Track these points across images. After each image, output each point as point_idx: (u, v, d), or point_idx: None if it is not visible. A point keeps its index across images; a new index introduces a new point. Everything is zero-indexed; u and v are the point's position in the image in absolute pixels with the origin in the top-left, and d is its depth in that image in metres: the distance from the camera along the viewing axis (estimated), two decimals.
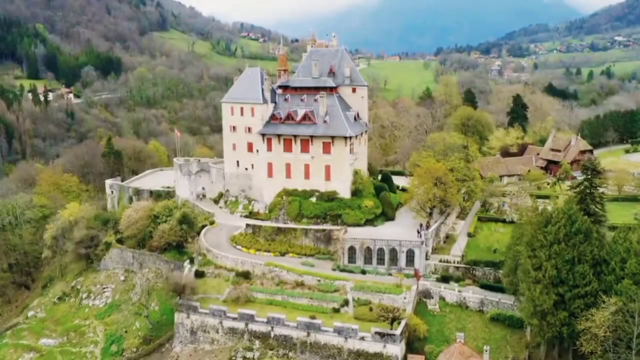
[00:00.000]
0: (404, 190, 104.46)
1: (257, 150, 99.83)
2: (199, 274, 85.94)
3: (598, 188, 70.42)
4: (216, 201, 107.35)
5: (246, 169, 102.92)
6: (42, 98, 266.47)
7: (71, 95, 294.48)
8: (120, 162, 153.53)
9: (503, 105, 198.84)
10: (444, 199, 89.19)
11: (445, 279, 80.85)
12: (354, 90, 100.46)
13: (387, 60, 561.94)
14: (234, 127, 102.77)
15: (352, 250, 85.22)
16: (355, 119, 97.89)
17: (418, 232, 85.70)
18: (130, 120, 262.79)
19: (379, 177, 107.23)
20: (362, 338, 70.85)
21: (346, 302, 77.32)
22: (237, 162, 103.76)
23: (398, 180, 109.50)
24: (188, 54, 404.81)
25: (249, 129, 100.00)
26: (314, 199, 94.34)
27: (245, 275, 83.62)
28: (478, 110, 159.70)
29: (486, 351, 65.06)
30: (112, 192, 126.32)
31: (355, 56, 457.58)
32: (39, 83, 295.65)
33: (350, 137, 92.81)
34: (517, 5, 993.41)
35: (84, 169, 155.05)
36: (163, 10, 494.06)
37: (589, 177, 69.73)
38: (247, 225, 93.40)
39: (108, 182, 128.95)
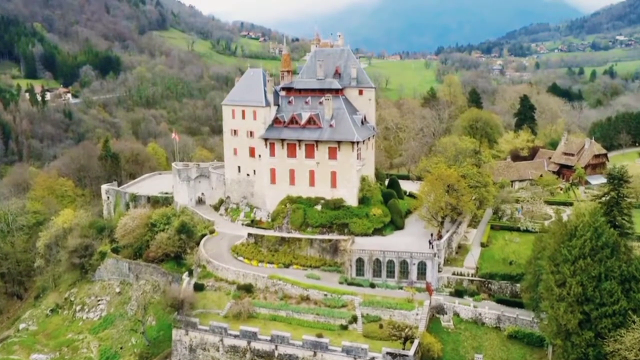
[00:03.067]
0: (411, 196, 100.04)
1: (260, 156, 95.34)
2: (199, 287, 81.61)
3: (626, 198, 65.86)
4: (216, 208, 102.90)
5: (248, 174, 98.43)
6: (39, 98, 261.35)
7: (69, 95, 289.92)
8: (117, 166, 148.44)
9: (508, 106, 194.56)
10: (456, 207, 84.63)
11: (459, 293, 76.47)
12: (360, 92, 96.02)
13: (387, 60, 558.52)
14: (235, 131, 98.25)
15: (360, 262, 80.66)
16: (362, 122, 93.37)
17: (430, 243, 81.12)
18: (129, 121, 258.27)
19: (386, 182, 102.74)
20: (373, 358, 66.42)
21: (355, 319, 73.00)
22: (239, 167, 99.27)
23: (404, 185, 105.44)
24: (188, 53, 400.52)
25: (251, 133, 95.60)
26: (319, 207, 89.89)
27: (248, 289, 79.27)
28: (485, 111, 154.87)
29: None
30: (108, 197, 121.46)
31: (356, 55, 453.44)
32: (37, 82, 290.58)
33: (358, 142, 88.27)
34: (518, 4, 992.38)
35: (80, 172, 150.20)
36: (163, 9, 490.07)
37: (616, 186, 65.10)
38: (249, 234, 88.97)
39: (104, 187, 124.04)
